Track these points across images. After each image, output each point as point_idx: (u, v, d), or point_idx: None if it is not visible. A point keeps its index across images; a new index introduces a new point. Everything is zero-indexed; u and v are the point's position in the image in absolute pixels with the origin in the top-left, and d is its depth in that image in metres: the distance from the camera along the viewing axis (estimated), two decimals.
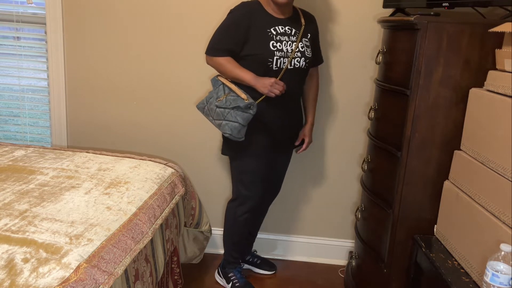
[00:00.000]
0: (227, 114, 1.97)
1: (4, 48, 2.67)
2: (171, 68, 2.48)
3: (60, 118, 2.61)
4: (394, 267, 1.85)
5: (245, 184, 2.16)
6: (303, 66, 2.05)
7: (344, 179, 2.52)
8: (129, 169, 2.07)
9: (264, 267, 2.49)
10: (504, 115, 1.37)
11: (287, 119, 2.13)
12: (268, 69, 1.97)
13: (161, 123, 2.56)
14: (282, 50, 1.97)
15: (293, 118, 2.18)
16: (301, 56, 2.02)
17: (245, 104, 1.93)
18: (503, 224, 1.34)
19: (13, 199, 1.68)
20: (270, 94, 1.95)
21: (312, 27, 2.13)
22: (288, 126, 2.16)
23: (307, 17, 2.12)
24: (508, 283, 1.20)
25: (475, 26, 1.60)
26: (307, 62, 2.06)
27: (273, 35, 1.97)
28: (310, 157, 2.50)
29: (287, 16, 2.04)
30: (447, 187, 1.70)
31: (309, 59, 2.07)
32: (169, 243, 1.91)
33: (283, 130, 2.14)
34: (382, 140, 1.92)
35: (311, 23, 2.13)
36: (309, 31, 2.10)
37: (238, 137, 1.97)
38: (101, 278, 1.31)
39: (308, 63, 2.07)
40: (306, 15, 2.12)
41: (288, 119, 2.13)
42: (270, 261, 2.54)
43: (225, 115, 1.97)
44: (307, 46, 2.07)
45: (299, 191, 2.56)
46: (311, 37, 2.10)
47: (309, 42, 2.08)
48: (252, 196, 2.17)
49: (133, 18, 2.44)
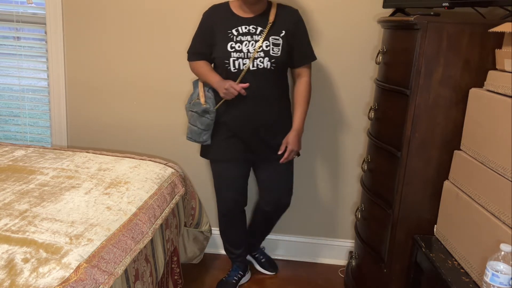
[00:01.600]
0: (191, 118, 2.07)
1: (4, 48, 2.67)
2: (171, 68, 2.48)
3: (60, 118, 2.61)
4: (394, 267, 1.85)
5: (215, 187, 2.22)
6: (269, 66, 1.94)
7: (344, 179, 2.52)
8: (129, 169, 2.07)
9: (266, 267, 2.49)
10: (504, 115, 1.37)
11: (253, 122, 2.02)
12: (227, 71, 1.96)
13: (161, 123, 2.56)
14: (241, 51, 1.93)
15: (263, 121, 2.03)
16: (264, 56, 1.93)
17: (201, 108, 2.00)
18: (503, 224, 1.34)
19: (13, 199, 1.68)
20: (226, 97, 1.96)
21: (290, 23, 1.98)
22: (257, 129, 2.03)
23: (284, 13, 1.98)
24: (508, 283, 1.20)
25: (475, 26, 1.60)
26: (273, 62, 1.94)
27: (234, 36, 1.95)
28: (310, 157, 2.50)
29: (258, 13, 1.97)
30: (447, 187, 1.70)
31: (275, 58, 1.94)
32: (169, 243, 1.91)
33: (251, 134, 2.04)
34: (382, 140, 1.92)
35: (288, 18, 1.98)
36: (284, 27, 1.96)
37: (199, 140, 2.06)
38: (101, 278, 1.31)
39: (275, 63, 1.95)
40: (283, 11, 1.99)
41: (254, 122, 2.02)
42: (274, 262, 2.54)
43: (190, 118, 2.08)
44: (276, 44, 1.94)
45: (299, 191, 2.56)
46: (286, 34, 1.96)
47: (283, 40, 1.95)
48: (221, 200, 2.21)
49: (133, 18, 2.44)
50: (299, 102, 2.06)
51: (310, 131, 2.45)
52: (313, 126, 2.44)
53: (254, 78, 1.95)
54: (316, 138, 2.46)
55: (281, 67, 2.00)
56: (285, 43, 1.96)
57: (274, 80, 2.01)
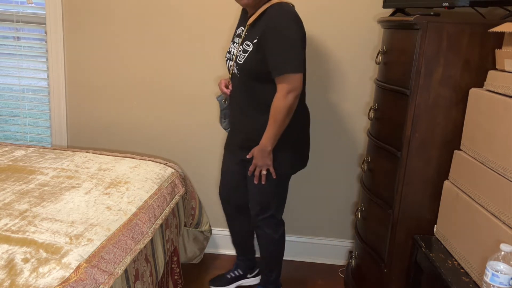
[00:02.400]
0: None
1: (4, 48, 2.67)
2: (171, 68, 2.48)
3: (60, 118, 2.61)
4: (394, 267, 1.85)
5: None
6: (237, 73, 1.86)
7: (344, 179, 2.52)
8: (129, 169, 2.07)
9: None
10: (504, 115, 1.37)
11: (233, 123, 2.01)
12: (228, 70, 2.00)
13: (161, 123, 2.56)
14: (229, 52, 1.93)
15: (237, 126, 1.99)
16: (234, 61, 1.85)
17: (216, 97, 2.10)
18: (503, 224, 1.34)
19: (13, 199, 1.68)
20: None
21: (264, 28, 1.73)
22: (234, 132, 2.02)
23: (266, 17, 1.74)
24: (508, 283, 1.20)
25: (475, 26, 1.60)
26: (238, 69, 1.83)
27: (233, 36, 1.98)
28: (310, 157, 2.50)
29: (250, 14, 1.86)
30: (447, 187, 1.70)
31: (239, 66, 1.82)
32: (169, 243, 1.91)
33: (230, 134, 2.06)
34: (382, 140, 1.92)
35: (265, 23, 1.74)
36: (258, 33, 1.75)
37: (222, 126, 2.12)
38: (101, 278, 1.31)
39: (239, 70, 1.83)
40: (267, 14, 1.74)
41: (234, 123, 2.01)
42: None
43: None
44: (245, 51, 1.79)
45: (299, 191, 2.56)
46: (258, 41, 1.75)
47: (253, 47, 1.76)
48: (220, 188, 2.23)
49: (133, 18, 2.44)
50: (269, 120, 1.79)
51: (310, 131, 2.44)
52: (313, 126, 2.44)
53: (233, 82, 1.94)
54: (316, 138, 2.46)
55: (247, 75, 1.83)
56: (255, 50, 1.76)
57: (248, 88, 1.86)
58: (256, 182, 1.90)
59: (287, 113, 1.75)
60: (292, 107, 1.76)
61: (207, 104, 2.49)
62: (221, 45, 2.41)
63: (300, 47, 1.75)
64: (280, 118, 1.76)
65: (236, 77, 1.90)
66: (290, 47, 1.72)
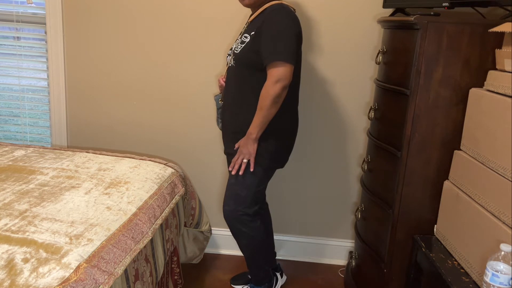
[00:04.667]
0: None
1: (4, 48, 2.67)
2: (171, 68, 2.48)
3: (60, 118, 2.61)
4: (394, 267, 1.85)
5: None
6: (233, 64, 1.93)
7: (344, 179, 2.52)
8: (129, 169, 2.07)
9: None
10: (504, 115, 1.37)
11: (224, 115, 2.04)
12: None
13: (161, 123, 2.56)
14: (231, 49, 2.00)
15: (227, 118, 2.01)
16: (232, 53, 1.94)
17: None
18: (503, 224, 1.34)
19: (13, 199, 1.68)
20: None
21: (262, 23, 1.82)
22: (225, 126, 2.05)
23: (264, 13, 1.85)
24: (508, 283, 1.20)
25: (475, 26, 1.60)
26: (234, 58, 1.91)
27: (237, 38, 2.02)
28: (310, 157, 2.50)
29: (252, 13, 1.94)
30: (447, 187, 1.70)
31: (235, 55, 1.89)
32: (169, 243, 1.91)
33: (223, 132, 2.08)
34: (382, 140, 1.92)
35: (262, 18, 1.84)
36: (256, 26, 1.85)
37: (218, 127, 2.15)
38: (101, 278, 1.31)
39: (235, 60, 1.90)
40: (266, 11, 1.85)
41: (225, 116, 2.03)
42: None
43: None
44: (242, 42, 1.88)
45: (299, 191, 2.56)
46: (255, 33, 1.84)
47: (250, 38, 1.85)
48: None
49: (133, 18, 2.44)
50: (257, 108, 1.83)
51: (310, 131, 2.45)
52: (313, 126, 2.45)
53: (228, 75, 2.00)
54: (316, 138, 2.46)
55: (242, 65, 1.88)
56: (251, 41, 1.84)
57: (241, 80, 1.91)
58: (235, 171, 1.91)
59: (273, 101, 1.78)
60: (280, 97, 1.79)
61: (207, 104, 2.49)
62: (221, 46, 2.41)
63: (293, 41, 1.79)
64: (266, 106, 1.79)
65: (231, 70, 1.95)
66: (282, 38, 1.78)
